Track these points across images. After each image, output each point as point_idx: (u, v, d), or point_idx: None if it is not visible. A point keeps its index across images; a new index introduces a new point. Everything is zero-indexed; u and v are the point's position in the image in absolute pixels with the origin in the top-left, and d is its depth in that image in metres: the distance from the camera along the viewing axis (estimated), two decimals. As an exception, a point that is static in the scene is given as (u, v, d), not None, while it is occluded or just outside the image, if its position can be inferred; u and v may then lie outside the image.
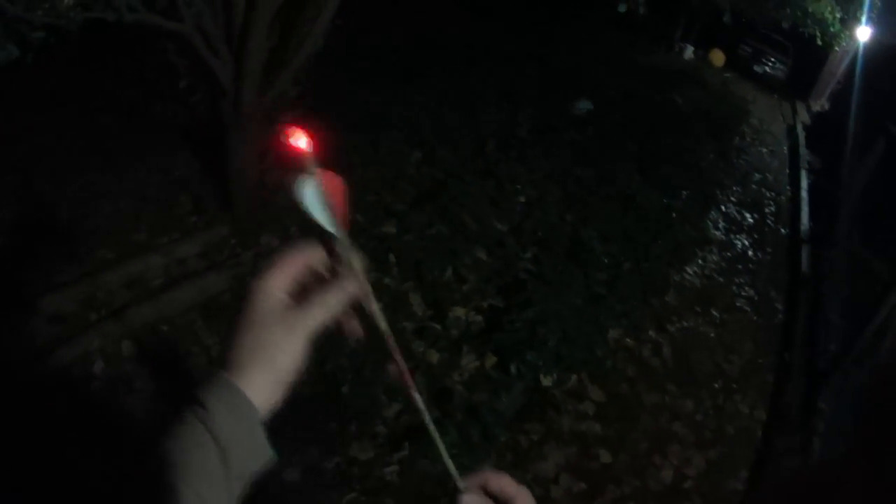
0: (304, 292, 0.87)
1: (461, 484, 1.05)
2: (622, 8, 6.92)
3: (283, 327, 0.82)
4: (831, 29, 16.48)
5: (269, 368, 0.82)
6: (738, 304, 7.90)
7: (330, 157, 0.84)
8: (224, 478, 0.76)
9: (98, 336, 4.42)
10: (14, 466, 3.32)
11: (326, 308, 0.85)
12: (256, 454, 0.82)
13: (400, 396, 4.52)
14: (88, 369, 4.28)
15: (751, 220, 10.77)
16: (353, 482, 4.07)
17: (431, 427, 0.97)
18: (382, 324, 0.93)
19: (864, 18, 16.95)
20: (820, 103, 25.16)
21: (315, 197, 0.83)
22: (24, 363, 4.10)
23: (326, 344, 4.62)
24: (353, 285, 0.88)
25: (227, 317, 4.99)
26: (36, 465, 3.35)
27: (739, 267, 8.90)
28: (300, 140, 0.83)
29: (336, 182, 0.87)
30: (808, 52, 21.58)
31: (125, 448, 3.62)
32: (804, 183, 13.47)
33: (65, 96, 6.60)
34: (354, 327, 0.94)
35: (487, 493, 1.06)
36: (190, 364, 4.64)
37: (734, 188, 11.84)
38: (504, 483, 1.06)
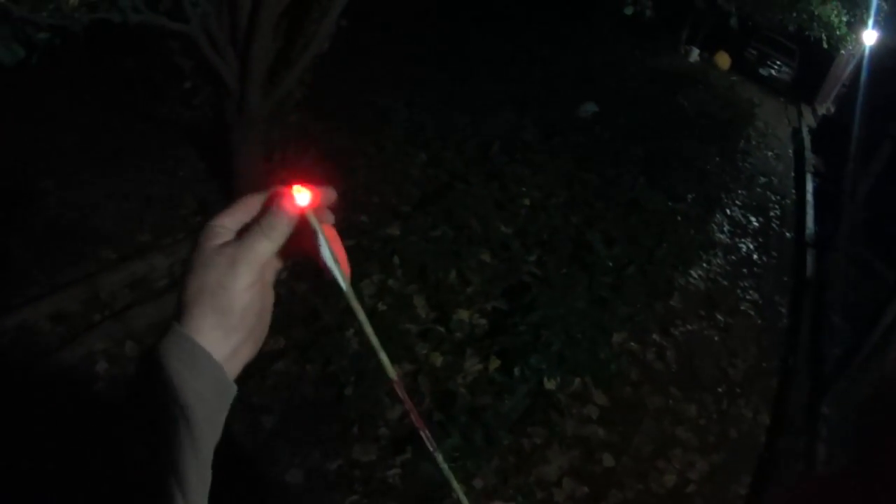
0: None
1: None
2: (629, 10, 6.91)
3: (224, 262, 0.78)
4: (837, 32, 16.49)
5: (213, 309, 0.77)
6: (742, 307, 7.89)
7: (335, 159, 0.83)
8: (189, 438, 0.73)
9: (101, 336, 4.42)
10: (17, 467, 3.32)
11: (268, 235, 0.79)
12: (222, 404, 0.79)
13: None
14: (91, 370, 4.28)
15: (756, 224, 10.76)
16: (355, 484, 4.07)
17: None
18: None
19: (870, 22, 16.94)
20: (825, 107, 25.13)
21: (325, 250, 0.80)
22: (27, 363, 4.10)
23: (329, 345, 4.64)
24: (294, 206, 0.80)
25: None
26: (38, 465, 3.35)
27: (744, 271, 8.89)
28: (303, 196, 0.80)
29: (334, 232, 0.84)
30: (814, 55, 21.62)
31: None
32: (809, 187, 13.46)
33: (70, 97, 6.61)
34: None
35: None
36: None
37: (739, 191, 11.83)
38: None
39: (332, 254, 0.80)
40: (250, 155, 5.55)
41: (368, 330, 0.86)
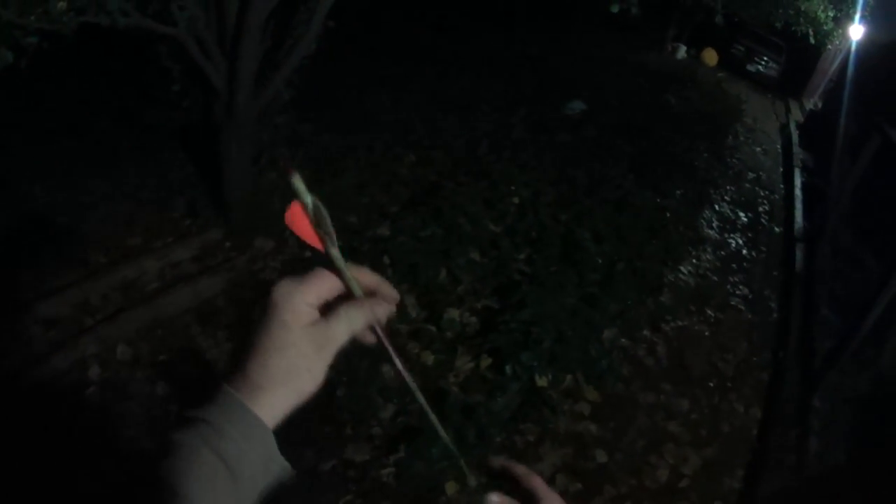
0: (327, 310, 0.85)
1: (473, 480, 1.03)
2: (615, 8, 6.91)
3: (313, 348, 0.81)
4: (824, 27, 16.55)
5: (292, 390, 0.81)
6: (732, 302, 7.91)
7: (324, 160, 0.84)
8: (234, 498, 0.75)
9: (93, 340, 4.43)
10: (9, 472, 3.31)
11: (351, 323, 0.84)
12: (269, 471, 0.81)
13: (395, 398, 4.53)
14: (84, 374, 4.28)
15: (745, 219, 10.78)
16: (349, 484, 4.08)
17: (437, 424, 0.95)
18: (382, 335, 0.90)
19: (856, 17, 16.99)
20: (813, 102, 25.18)
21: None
22: (19, 368, 4.09)
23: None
24: (377, 306, 0.87)
25: (223, 320, 5.00)
26: (31, 470, 3.35)
27: (734, 266, 8.91)
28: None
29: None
30: (801, 50, 21.65)
31: (124, 459, 3.63)
32: (798, 181, 13.47)
33: (59, 101, 6.61)
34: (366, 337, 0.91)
35: (514, 489, 0.98)
36: (185, 368, 4.64)
37: (728, 187, 11.84)
38: (536, 484, 0.98)
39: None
40: (239, 156, 5.56)
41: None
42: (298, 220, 0.83)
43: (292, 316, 0.81)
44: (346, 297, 0.87)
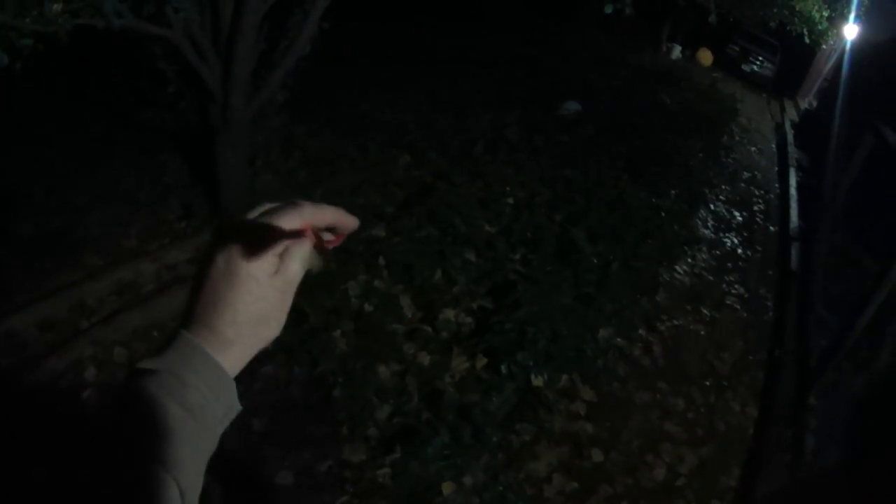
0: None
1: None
2: (609, 8, 6.91)
3: (278, 295, 0.82)
4: (818, 27, 16.54)
5: (260, 339, 0.82)
6: (728, 301, 7.92)
7: (319, 161, 0.84)
8: (199, 448, 0.75)
9: (89, 342, 4.43)
10: (5, 474, 3.31)
11: (305, 261, 0.82)
12: (228, 417, 0.81)
13: (392, 398, 4.54)
14: (80, 376, 4.28)
15: (740, 219, 10.80)
16: (345, 485, 4.08)
17: None
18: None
19: (851, 16, 17.02)
20: (808, 101, 25.23)
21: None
22: (15, 371, 4.10)
23: (316, 347, 4.64)
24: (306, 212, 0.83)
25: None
26: (28, 473, 3.35)
27: (729, 265, 8.93)
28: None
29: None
30: (796, 50, 21.65)
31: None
32: (793, 180, 13.50)
33: (54, 103, 6.61)
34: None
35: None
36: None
37: (723, 187, 11.87)
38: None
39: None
40: (234, 158, 5.56)
41: None
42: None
43: (258, 267, 0.80)
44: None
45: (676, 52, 23.85)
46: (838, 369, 6.33)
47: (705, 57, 24.82)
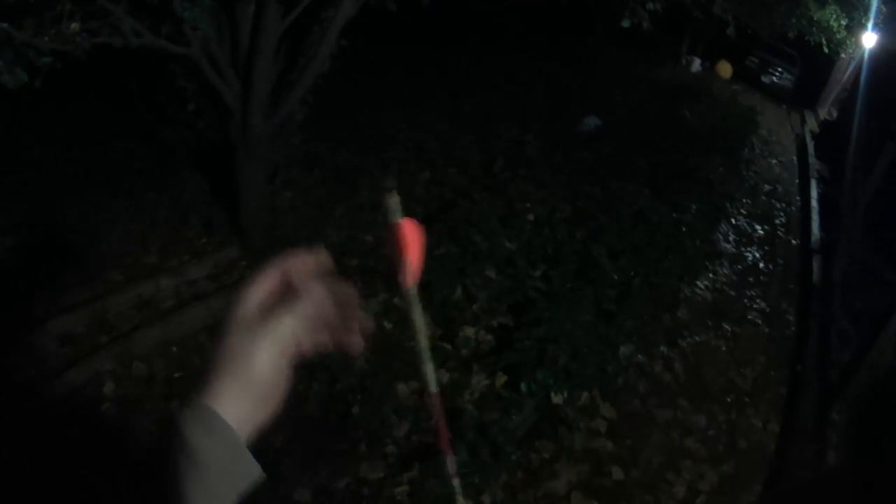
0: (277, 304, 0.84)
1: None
2: (626, 23, 6.92)
3: (249, 335, 0.80)
4: (837, 36, 16.46)
5: (238, 380, 0.80)
6: (749, 316, 7.87)
7: (339, 179, 0.84)
8: (202, 494, 0.74)
9: (108, 357, 4.45)
10: (24, 488, 3.33)
11: (292, 316, 0.82)
12: (240, 473, 0.80)
13: (410, 416, 4.53)
14: (99, 391, 4.30)
15: (761, 232, 10.74)
16: (362, 502, 4.07)
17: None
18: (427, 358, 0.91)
19: (869, 25, 16.93)
20: (827, 111, 25.10)
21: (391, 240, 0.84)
22: (34, 384, 4.12)
23: (336, 365, 4.64)
24: (321, 294, 0.84)
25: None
26: (46, 486, 3.36)
27: (750, 279, 8.87)
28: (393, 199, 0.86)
29: (414, 231, 0.86)
30: (815, 60, 21.59)
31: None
32: (814, 192, 13.43)
33: (74, 121, 6.66)
34: (355, 343, 0.89)
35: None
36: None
37: (744, 200, 11.80)
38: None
39: (395, 245, 0.86)
40: (254, 175, 5.58)
41: (422, 336, 0.88)
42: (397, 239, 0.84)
43: (237, 311, 0.83)
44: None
45: (696, 64, 23.80)
46: (861, 384, 6.27)
47: (725, 69, 24.74)
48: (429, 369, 0.86)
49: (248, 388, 0.80)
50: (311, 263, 0.87)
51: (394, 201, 0.81)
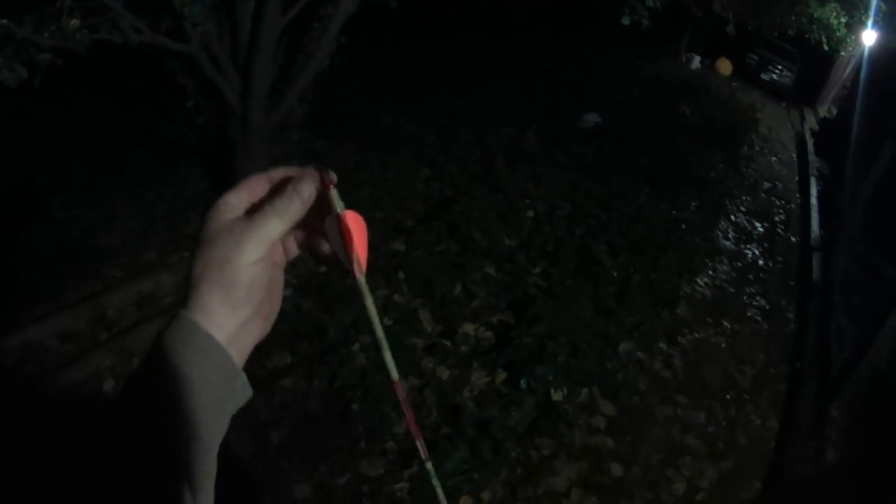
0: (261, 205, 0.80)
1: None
2: (626, 20, 6.94)
3: (232, 238, 0.75)
4: (837, 34, 16.51)
5: (218, 283, 0.74)
6: (749, 313, 7.87)
7: (338, 175, 0.81)
8: (194, 423, 0.71)
9: (108, 354, 4.44)
10: (23, 485, 3.32)
11: (279, 215, 0.77)
12: (232, 396, 0.77)
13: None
14: (98, 387, 4.30)
15: (761, 230, 10.74)
16: (363, 499, 4.07)
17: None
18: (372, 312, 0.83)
19: (869, 22, 16.94)
20: (827, 109, 25.12)
21: (336, 232, 0.79)
22: (34, 382, 4.12)
23: (335, 361, 4.65)
24: (310, 189, 0.79)
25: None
26: (45, 484, 3.36)
27: (750, 276, 8.87)
28: (328, 176, 0.80)
29: (360, 222, 0.82)
30: (815, 58, 21.67)
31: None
32: (814, 190, 13.44)
33: (73, 117, 6.65)
34: (322, 247, 0.84)
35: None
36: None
37: (743, 197, 11.80)
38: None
39: (341, 237, 0.79)
40: (253, 172, 5.57)
41: (377, 325, 0.85)
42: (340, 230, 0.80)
43: (211, 215, 0.79)
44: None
45: (696, 62, 23.83)
46: (860, 381, 6.27)
47: (724, 66, 24.77)
48: (387, 357, 0.83)
49: (237, 297, 0.76)
50: (301, 172, 0.82)
51: (334, 193, 0.78)
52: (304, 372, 4.70)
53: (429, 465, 0.96)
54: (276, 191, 0.81)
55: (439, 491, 0.97)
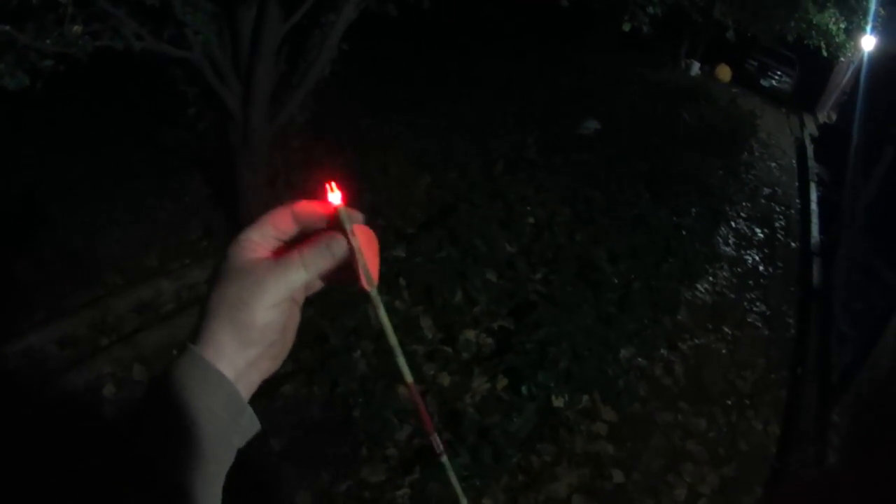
0: (287, 249, 0.79)
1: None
2: (626, 26, 6.94)
3: (250, 279, 0.75)
4: (836, 39, 16.52)
5: (231, 321, 0.74)
6: (749, 319, 7.88)
7: (341, 182, 0.81)
8: (198, 455, 0.71)
9: (108, 360, 4.45)
10: (24, 491, 3.33)
11: (307, 267, 0.76)
12: (239, 431, 0.77)
13: (411, 419, 4.52)
14: (99, 393, 4.30)
15: (761, 235, 10.75)
16: (365, 505, 4.07)
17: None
18: (391, 336, 0.86)
19: (868, 28, 16.97)
20: (827, 114, 25.14)
21: (357, 251, 0.79)
22: (35, 387, 4.12)
23: (336, 368, 4.64)
24: (342, 246, 0.78)
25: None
26: (46, 489, 3.36)
27: (750, 282, 8.88)
28: (335, 196, 0.79)
29: (370, 235, 0.83)
30: (814, 63, 21.65)
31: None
32: (813, 195, 13.45)
33: (75, 124, 6.66)
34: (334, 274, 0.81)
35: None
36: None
37: (743, 203, 11.82)
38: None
39: (362, 255, 0.79)
40: (255, 179, 5.58)
41: (390, 333, 0.85)
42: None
43: (232, 252, 0.78)
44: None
45: (695, 68, 23.86)
46: (861, 386, 6.27)
47: (724, 73, 24.80)
48: (401, 362, 0.84)
49: (250, 337, 0.75)
50: (331, 210, 0.80)
51: (343, 212, 0.78)
52: (305, 378, 4.70)
53: (444, 459, 0.96)
54: (304, 234, 0.81)
55: (455, 483, 0.98)
